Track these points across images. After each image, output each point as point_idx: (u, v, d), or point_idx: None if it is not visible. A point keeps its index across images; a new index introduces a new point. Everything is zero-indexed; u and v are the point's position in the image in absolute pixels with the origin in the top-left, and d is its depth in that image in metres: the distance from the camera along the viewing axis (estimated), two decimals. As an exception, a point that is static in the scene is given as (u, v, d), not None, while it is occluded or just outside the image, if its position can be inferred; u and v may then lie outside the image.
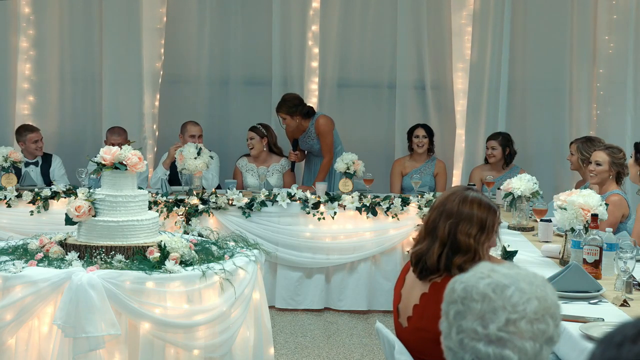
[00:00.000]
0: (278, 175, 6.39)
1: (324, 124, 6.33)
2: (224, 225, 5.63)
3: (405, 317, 2.75)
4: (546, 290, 1.50)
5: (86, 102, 7.09)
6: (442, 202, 2.72)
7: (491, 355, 1.45)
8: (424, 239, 2.73)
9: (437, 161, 6.61)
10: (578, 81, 6.92)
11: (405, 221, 5.75)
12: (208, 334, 3.58)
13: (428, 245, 2.69)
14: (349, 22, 7.04)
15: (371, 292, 5.84)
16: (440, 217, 2.69)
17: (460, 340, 1.48)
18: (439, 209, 2.71)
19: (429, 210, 2.79)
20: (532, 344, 1.45)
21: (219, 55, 7.12)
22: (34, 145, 6.31)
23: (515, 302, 1.46)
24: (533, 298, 1.47)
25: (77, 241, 3.74)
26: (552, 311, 1.49)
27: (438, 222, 2.69)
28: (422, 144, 6.51)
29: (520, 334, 1.45)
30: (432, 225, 2.71)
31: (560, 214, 3.73)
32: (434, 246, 2.67)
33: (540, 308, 1.47)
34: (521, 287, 1.48)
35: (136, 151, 3.81)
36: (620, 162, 4.80)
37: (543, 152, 7.01)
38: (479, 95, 6.89)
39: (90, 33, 6.98)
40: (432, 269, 2.67)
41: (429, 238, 2.71)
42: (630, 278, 3.16)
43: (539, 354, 1.46)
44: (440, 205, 2.72)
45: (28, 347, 3.49)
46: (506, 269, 1.52)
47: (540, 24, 6.94)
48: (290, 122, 6.30)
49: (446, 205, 2.70)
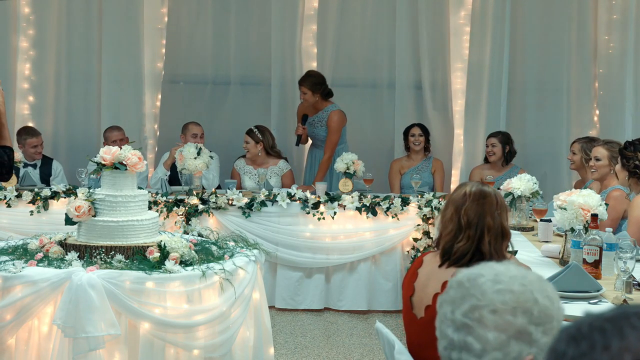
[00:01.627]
0: (276, 178, 6.38)
1: (337, 120, 6.38)
2: (224, 225, 5.63)
3: (422, 307, 2.79)
4: (530, 288, 1.45)
5: (86, 102, 7.09)
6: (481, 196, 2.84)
7: (456, 341, 1.45)
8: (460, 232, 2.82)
9: (434, 159, 6.65)
10: (578, 81, 6.92)
11: (405, 221, 5.75)
12: (208, 334, 3.58)
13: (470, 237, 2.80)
14: (348, 22, 7.05)
15: (371, 292, 5.83)
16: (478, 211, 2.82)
17: (439, 327, 1.50)
18: (479, 202, 2.83)
19: (461, 207, 2.84)
20: (496, 335, 1.42)
21: (219, 56, 7.12)
22: (32, 150, 6.29)
23: (484, 291, 1.45)
24: (506, 290, 1.44)
25: (77, 241, 3.74)
26: (527, 307, 1.44)
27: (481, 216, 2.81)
28: (418, 142, 6.53)
29: (483, 322, 1.43)
30: (469, 219, 2.81)
31: (560, 214, 3.73)
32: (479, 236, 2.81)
33: (511, 300, 1.43)
34: (498, 279, 1.46)
35: (136, 151, 3.80)
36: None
37: (543, 152, 7.01)
38: (478, 95, 6.89)
39: (90, 33, 6.98)
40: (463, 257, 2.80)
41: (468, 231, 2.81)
42: (630, 278, 3.16)
43: (505, 347, 1.43)
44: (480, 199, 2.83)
45: (28, 347, 3.49)
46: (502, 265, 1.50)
47: (539, 23, 6.94)
48: (310, 99, 6.33)
49: (487, 199, 2.84)
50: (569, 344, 1.09)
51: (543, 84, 7.00)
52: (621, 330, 1.06)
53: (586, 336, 1.08)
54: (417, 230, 5.74)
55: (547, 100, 7.01)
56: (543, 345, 1.43)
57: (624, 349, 1.05)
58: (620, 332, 1.06)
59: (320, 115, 6.42)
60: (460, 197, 2.84)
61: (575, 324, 1.11)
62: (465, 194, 2.84)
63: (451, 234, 2.82)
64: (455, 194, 2.89)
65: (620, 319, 1.08)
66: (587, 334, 1.08)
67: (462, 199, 2.84)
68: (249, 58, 7.13)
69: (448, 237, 2.83)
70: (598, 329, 1.08)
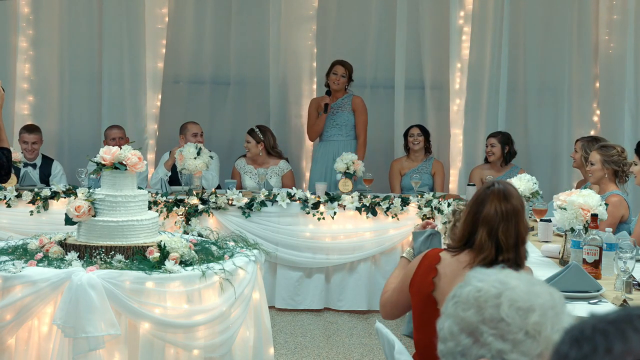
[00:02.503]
0: (277, 178, 6.38)
1: (362, 102, 6.59)
2: (224, 225, 5.63)
3: None
4: (507, 292, 1.43)
5: (86, 102, 7.09)
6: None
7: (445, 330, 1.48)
8: None
9: (434, 161, 6.64)
10: (578, 81, 6.92)
11: (405, 221, 5.75)
12: (208, 334, 3.58)
13: None
14: (347, 22, 7.05)
15: (371, 292, 5.83)
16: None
17: None
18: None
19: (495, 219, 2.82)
20: (451, 324, 1.44)
21: (219, 56, 7.12)
22: (24, 146, 6.27)
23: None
24: (475, 288, 1.44)
25: (77, 241, 3.74)
26: (483, 305, 1.42)
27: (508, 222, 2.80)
28: (417, 141, 6.53)
29: (447, 312, 1.46)
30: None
31: (560, 214, 3.73)
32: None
33: (472, 296, 1.43)
34: (501, 279, 1.45)
35: (136, 151, 3.80)
36: (613, 159, 4.71)
37: (543, 152, 7.01)
38: (478, 95, 6.89)
39: (90, 33, 6.98)
40: None
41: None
42: (630, 278, 3.16)
43: (456, 338, 1.44)
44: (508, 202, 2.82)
45: (28, 347, 3.49)
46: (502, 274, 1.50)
47: (539, 23, 6.94)
48: (343, 82, 6.52)
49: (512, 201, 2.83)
50: (571, 346, 1.09)
51: (543, 84, 7.00)
52: (624, 333, 1.06)
53: (589, 339, 1.08)
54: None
55: (547, 100, 7.01)
56: (495, 350, 1.40)
57: (626, 352, 1.05)
58: (623, 334, 1.06)
59: (340, 102, 6.54)
60: (493, 215, 2.79)
61: (579, 326, 1.11)
62: (497, 213, 2.78)
63: (489, 258, 2.78)
64: (485, 211, 2.80)
65: (623, 322, 1.08)
66: (590, 336, 1.08)
67: (495, 218, 2.79)
68: (248, 58, 7.13)
69: (487, 261, 2.77)
70: (601, 331, 1.07)
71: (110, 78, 6.93)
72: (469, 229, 2.85)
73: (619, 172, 4.73)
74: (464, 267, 2.78)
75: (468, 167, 6.80)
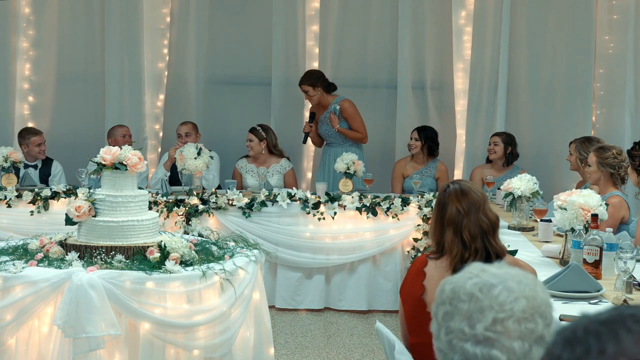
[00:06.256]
0: (278, 177, 6.38)
1: (350, 106, 6.45)
2: (224, 226, 5.63)
3: None
4: (536, 289, 1.47)
5: (86, 102, 7.09)
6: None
7: (479, 355, 1.43)
8: None
9: (439, 163, 6.59)
10: (578, 81, 6.91)
11: (406, 221, 5.75)
12: (208, 334, 3.58)
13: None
14: (349, 23, 7.04)
15: (371, 292, 5.83)
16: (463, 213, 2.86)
17: (449, 341, 1.47)
18: None
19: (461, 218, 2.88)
20: (521, 344, 1.43)
21: (220, 56, 7.12)
22: (37, 149, 6.30)
23: (502, 301, 1.44)
24: (521, 297, 1.44)
25: (77, 241, 3.74)
26: (542, 310, 1.45)
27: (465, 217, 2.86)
28: (414, 146, 6.51)
29: (507, 333, 1.43)
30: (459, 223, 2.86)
31: (560, 214, 3.73)
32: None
33: (528, 307, 1.44)
34: (509, 286, 1.45)
35: (136, 151, 3.81)
36: (608, 162, 4.68)
37: (543, 152, 7.00)
38: (479, 95, 6.89)
39: (91, 33, 6.99)
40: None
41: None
42: (630, 278, 3.16)
43: (528, 354, 1.43)
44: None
45: (28, 347, 3.49)
46: (495, 268, 1.50)
47: (539, 23, 6.93)
48: (314, 93, 6.39)
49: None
50: (564, 347, 1.09)
51: (543, 84, 7.00)
52: (616, 334, 1.05)
53: (581, 340, 1.07)
54: (418, 231, 5.73)
55: (547, 100, 7.01)
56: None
57: (619, 354, 1.04)
58: (616, 335, 1.05)
59: (329, 111, 6.45)
60: (455, 215, 2.86)
61: (571, 327, 1.10)
62: (459, 211, 2.85)
63: (458, 256, 2.84)
64: (448, 213, 2.87)
65: (615, 322, 1.07)
66: (583, 337, 1.07)
67: (458, 217, 2.86)
68: (249, 58, 7.13)
69: (457, 259, 2.84)
70: (593, 332, 1.07)
71: (111, 78, 6.93)
72: (438, 234, 2.91)
73: (614, 174, 4.70)
74: (446, 271, 2.83)
75: (469, 167, 6.79)
